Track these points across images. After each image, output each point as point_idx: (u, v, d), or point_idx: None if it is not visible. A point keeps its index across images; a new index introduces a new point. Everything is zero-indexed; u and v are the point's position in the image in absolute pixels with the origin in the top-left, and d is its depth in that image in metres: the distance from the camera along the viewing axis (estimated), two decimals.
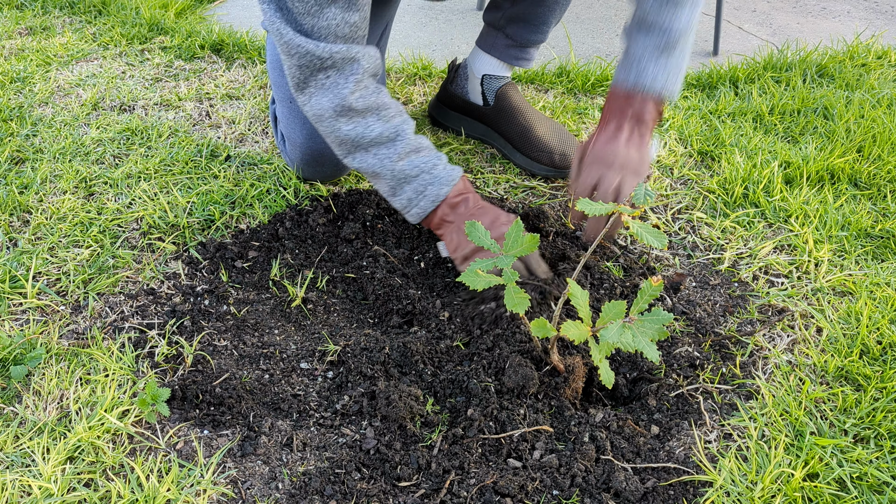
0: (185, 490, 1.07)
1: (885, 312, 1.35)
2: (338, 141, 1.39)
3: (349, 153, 1.40)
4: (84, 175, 1.70)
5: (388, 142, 1.38)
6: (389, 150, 1.37)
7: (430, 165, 1.39)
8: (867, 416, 1.17)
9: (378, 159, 1.38)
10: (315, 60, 1.31)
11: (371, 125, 1.37)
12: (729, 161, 1.74)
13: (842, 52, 2.26)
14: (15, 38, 2.36)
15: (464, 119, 1.85)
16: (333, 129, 1.37)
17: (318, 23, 1.29)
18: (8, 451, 1.12)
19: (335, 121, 1.36)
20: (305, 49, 1.30)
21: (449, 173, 1.40)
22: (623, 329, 1.02)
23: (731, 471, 1.09)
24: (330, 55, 1.31)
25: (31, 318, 1.34)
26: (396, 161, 1.37)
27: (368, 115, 1.37)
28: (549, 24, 1.70)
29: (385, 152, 1.38)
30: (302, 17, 1.29)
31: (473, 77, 1.79)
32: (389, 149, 1.38)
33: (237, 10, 2.67)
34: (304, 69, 1.32)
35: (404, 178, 1.38)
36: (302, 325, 1.37)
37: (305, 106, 1.38)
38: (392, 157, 1.37)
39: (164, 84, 2.13)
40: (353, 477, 1.09)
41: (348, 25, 1.32)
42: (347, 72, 1.34)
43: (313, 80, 1.34)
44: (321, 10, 1.28)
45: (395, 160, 1.37)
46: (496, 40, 1.74)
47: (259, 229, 1.55)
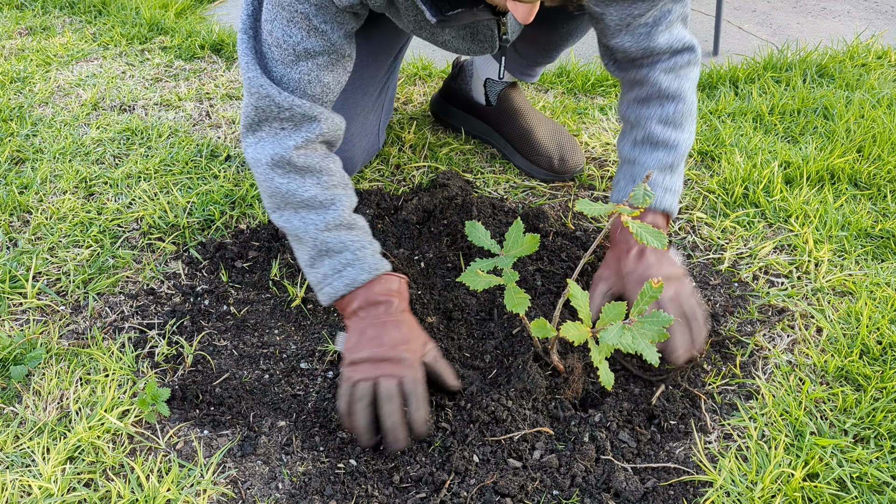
0: (185, 490, 1.07)
1: (885, 312, 1.35)
2: (268, 191, 1.26)
3: (277, 208, 1.27)
4: (84, 175, 1.70)
5: (319, 207, 1.25)
6: (318, 217, 1.24)
7: (358, 246, 1.25)
8: (867, 416, 1.17)
9: (303, 223, 1.25)
10: (273, 107, 1.22)
11: (307, 185, 1.25)
12: (729, 161, 1.74)
13: (842, 52, 2.26)
14: (15, 38, 2.36)
15: (465, 117, 1.85)
16: (266, 178, 1.25)
17: (289, 73, 1.22)
18: (8, 451, 1.12)
19: (270, 170, 1.24)
20: (266, 92, 1.21)
21: (377, 262, 1.25)
22: (623, 330, 1.02)
23: (731, 471, 1.09)
24: (290, 106, 1.22)
25: (31, 318, 1.34)
26: (323, 230, 1.24)
27: (307, 175, 1.25)
28: (559, 51, 1.68)
29: (313, 217, 1.25)
30: (274, 64, 1.22)
31: (477, 77, 1.79)
32: (319, 215, 1.25)
33: (237, 10, 2.67)
34: (259, 111, 1.23)
35: (325, 251, 1.24)
36: (302, 325, 1.37)
37: (248, 149, 1.27)
38: (319, 224, 1.24)
39: (164, 84, 2.13)
40: (353, 477, 1.09)
41: (320, 85, 1.25)
42: (303, 129, 1.24)
43: (267, 126, 1.24)
44: (297, 62, 1.22)
45: (322, 229, 1.24)
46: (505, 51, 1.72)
47: (259, 229, 1.55)
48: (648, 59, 1.34)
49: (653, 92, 1.35)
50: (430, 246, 1.51)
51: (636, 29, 1.30)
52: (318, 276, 1.26)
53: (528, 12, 1.01)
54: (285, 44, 1.20)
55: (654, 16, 1.29)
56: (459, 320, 1.35)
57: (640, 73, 1.36)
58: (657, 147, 1.35)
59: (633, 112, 1.39)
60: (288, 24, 1.19)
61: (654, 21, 1.29)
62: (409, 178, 1.72)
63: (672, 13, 1.30)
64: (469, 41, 1.34)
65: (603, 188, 1.70)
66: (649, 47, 1.31)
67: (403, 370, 1.15)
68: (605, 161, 1.79)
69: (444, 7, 1.12)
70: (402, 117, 1.94)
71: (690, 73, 1.36)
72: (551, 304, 1.36)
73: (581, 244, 1.51)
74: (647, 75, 1.35)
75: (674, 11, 1.30)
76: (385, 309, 1.22)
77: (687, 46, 1.34)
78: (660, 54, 1.33)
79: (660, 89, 1.34)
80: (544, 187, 1.71)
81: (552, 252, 1.47)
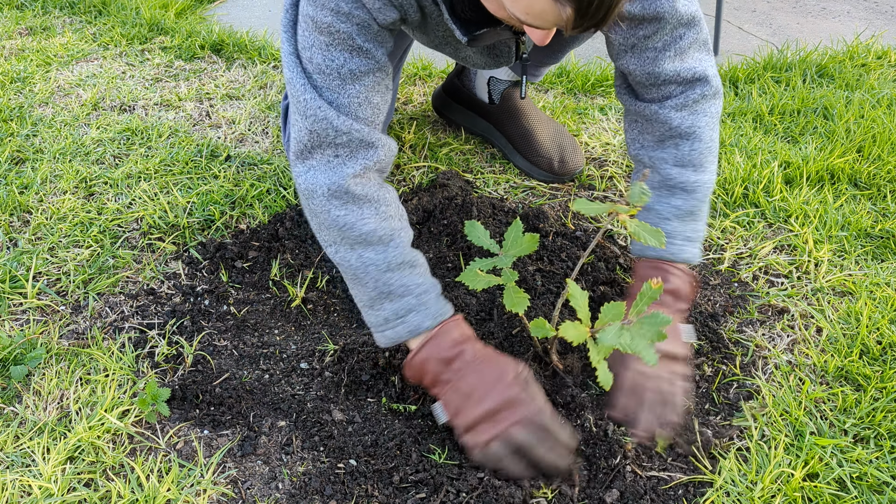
0: (185, 490, 1.07)
1: (885, 312, 1.35)
2: (324, 224, 1.20)
3: (333, 243, 1.20)
4: (84, 175, 1.70)
5: (378, 244, 1.18)
6: (378, 256, 1.18)
7: (422, 290, 1.18)
8: (867, 416, 1.17)
9: (362, 262, 1.18)
10: (331, 132, 1.16)
11: (365, 217, 1.18)
12: (729, 161, 1.74)
13: (842, 52, 2.26)
14: (15, 38, 2.36)
15: (467, 113, 1.84)
16: (323, 210, 1.18)
17: (338, 99, 1.16)
18: (8, 451, 1.12)
19: (327, 201, 1.17)
20: (324, 115, 1.15)
21: (441, 307, 1.19)
22: (621, 331, 1.02)
23: (731, 471, 1.09)
24: (349, 131, 1.16)
25: (31, 318, 1.34)
26: (384, 271, 1.18)
27: (364, 205, 1.18)
28: (564, 53, 1.67)
29: (372, 256, 1.18)
30: (322, 91, 1.16)
31: (481, 75, 1.78)
32: (379, 254, 1.18)
33: (237, 10, 2.67)
34: (314, 136, 1.16)
35: (387, 294, 1.18)
36: (302, 325, 1.37)
37: (300, 177, 1.20)
38: (380, 263, 1.17)
39: (164, 84, 2.13)
40: (353, 477, 1.09)
41: (370, 107, 1.19)
42: (360, 156, 1.18)
43: (319, 153, 1.18)
44: (343, 86, 1.16)
45: (384, 269, 1.17)
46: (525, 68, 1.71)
47: (259, 229, 1.55)
48: (656, 89, 1.27)
49: (665, 131, 1.28)
50: (430, 246, 1.51)
51: (643, 52, 1.23)
52: (379, 319, 1.19)
53: (544, 37, 1.01)
54: (328, 69, 1.15)
55: (664, 40, 1.21)
56: None
57: (650, 110, 1.28)
58: (674, 193, 1.28)
59: (647, 153, 1.32)
60: (328, 49, 1.14)
61: (664, 46, 1.22)
62: (409, 178, 1.72)
63: (683, 39, 1.22)
64: (487, 56, 1.33)
65: (602, 188, 1.70)
66: (654, 72, 1.24)
67: (521, 408, 1.10)
68: (605, 161, 1.79)
69: (471, 27, 1.12)
70: (402, 117, 1.94)
71: (707, 107, 1.27)
72: (551, 304, 1.36)
73: (581, 244, 1.51)
74: (657, 113, 1.27)
75: (685, 38, 1.22)
76: (460, 361, 1.14)
77: (698, 77, 1.25)
78: (667, 84, 1.25)
79: (671, 127, 1.27)
80: (544, 187, 1.71)
81: (552, 252, 1.47)
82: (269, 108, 1.99)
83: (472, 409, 1.10)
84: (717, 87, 1.28)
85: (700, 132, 1.27)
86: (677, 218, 1.28)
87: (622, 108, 1.98)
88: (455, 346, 1.15)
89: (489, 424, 1.09)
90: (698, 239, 1.30)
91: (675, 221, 1.28)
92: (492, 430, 1.09)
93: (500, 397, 1.10)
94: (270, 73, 2.16)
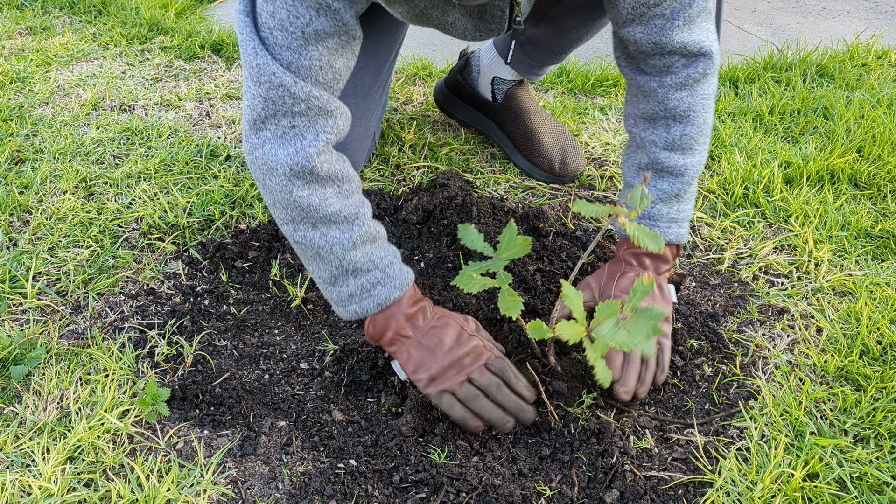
0: (185, 490, 1.07)
1: (885, 312, 1.35)
2: (283, 204, 1.14)
3: (291, 222, 1.16)
4: (84, 175, 1.70)
5: (343, 223, 1.15)
6: (343, 235, 1.14)
7: (386, 263, 1.18)
8: (867, 416, 1.17)
9: (326, 240, 1.14)
10: (287, 99, 1.08)
11: (329, 198, 1.13)
12: (729, 161, 1.74)
13: (842, 52, 2.26)
14: (15, 38, 2.36)
15: (469, 110, 1.84)
16: (283, 190, 1.12)
17: (298, 60, 1.08)
18: (8, 451, 1.12)
19: (289, 181, 1.11)
20: (280, 81, 1.07)
21: (404, 275, 1.19)
22: (617, 327, 1.02)
23: (731, 471, 1.09)
24: (307, 98, 1.09)
25: (31, 318, 1.34)
26: (350, 249, 1.15)
27: (328, 185, 1.14)
28: (567, 52, 1.66)
29: (336, 235, 1.14)
30: (279, 50, 1.07)
31: (484, 75, 1.78)
32: (344, 233, 1.15)
33: None
34: (269, 104, 1.09)
35: (352, 271, 1.16)
36: (302, 325, 1.37)
37: (256, 150, 1.13)
38: (345, 242, 1.14)
39: (164, 84, 2.13)
40: (353, 477, 1.09)
41: (332, 71, 1.12)
42: (319, 127, 1.11)
43: (274, 123, 1.10)
44: (305, 47, 1.08)
45: (349, 248, 1.15)
46: (512, 51, 1.71)
47: (259, 229, 1.55)
48: (659, 58, 1.24)
49: (659, 110, 1.27)
50: (429, 246, 1.51)
51: (651, 20, 1.18)
52: (342, 295, 1.18)
53: None
54: (292, 26, 1.06)
55: (672, 7, 1.17)
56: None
57: (650, 85, 1.26)
58: (662, 175, 1.29)
59: (639, 131, 1.31)
60: (293, 4, 1.05)
61: (672, 14, 1.17)
62: (409, 178, 1.72)
63: (693, 6, 1.17)
64: (478, 20, 1.25)
65: (602, 188, 1.70)
66: (661, 42, 1.20)
67: (482, 356, 1.16)
68: (605, 161, 1.79)
69: None
70: (402, 117, 1.94)
71: (704, 88, 1.25)
72: (551, 304, 1.36)
73: (581, 244, 1.51)
74: (656, 89, 1.25)
75: (695, 4, 1.18)
76: (423, 318, 1.18)
77: (703, 51, 1.22)
78: (672, 55, 1.22)
79: (667, 108, 1.25)
80: (544, 187, 1.71)
81: (552, 252, 1.47)
82: None
83: (438, 360, 1.15)
84: (716, 64, 1.26)
85: (694, 116, 1.25)
86: (662, 201, 1.29)
87: (622, 108, 1.99)
88: (415, 303, 1.19)
89: (454, 371, 1.14)
90: (685, 219, 1.31)
91: (659, 204, 1.29)
92: (458, 375, 1.14)
93: (464, 347, 1.15)
94: None
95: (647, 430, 1.17)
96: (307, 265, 1.20)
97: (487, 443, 1.14)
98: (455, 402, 1.14)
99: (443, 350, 1.15)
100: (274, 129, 1.11)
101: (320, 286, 1.21)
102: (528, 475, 1.10)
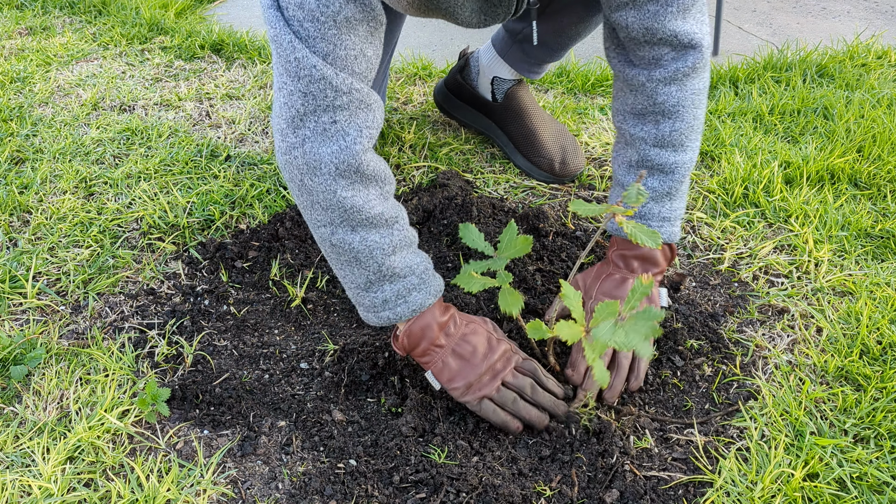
0: (185, 490, 1.07)
1: (885, 312, 1.35)
2: (324, 205, 1.10)
3: (330, 224, 1.12)
4: (84, 175, 1.70)
5: (384, 226, 1.12)
6: (383, 239, 1.12)
7: (423, 269, 1.16)
8: (867, 416, 1.17)
9: (366, 245, 1.11)
10: (329, 92, 1.04)
11: (371, 200, 1.10)
12: (729, 161, 1.74)
13: (842, 52, 2.26)
14: (15, 38, 2.36)
15: (469, 110, 1.84)
16: (326, 190, 1.08)
17: (334, 51, 1.04)
18: (8, 451, 1.12)
19: (334, 181, 1.07)
20: (321, 74, 1.02)
21: (438, 281, 1.18)
22: (615, 327, 1.02)
23: (731, 471, 1.09)
24: (349, 90, 1.05)
25: (31, 318, 1.34)
26: (389, 254, 1.12)
27: (372, 186, 1.10)
28: (566, 49, 1.66)
29: (376, 239, 1.11)
30: (315, 43, 1.03)
31: (483, 75, 1.78)
32: (384, 237, 1.12)
33: (237, 10, 2.67)
34: (310, 99, 1.05)
35: (389, 276, 1.13)
36: (302, 325, 1.37)
37: (295, 150, 1.08)
38: (385, 248, 1.12)
39: (164, 84, 2.13)
40: (353, 477, 1.09)
41: (365, 60, 1.08)
42: (360, 122, 1.08)
43: (314, 119, 1.06)
44: (339, 36, 1.03)
45: (388, 252, 1.12)
46: (511, 49, 1.71)
47: (259, 229, 1.55)
48: (649, 48, 1.20)
49: (648, 105, 1.24)
50: (430, 246, 1.51)
51: (644, 5, 1.15)
52: (376, 301, 1.15)
53: None
54: (323, 15, 1.01)
55: None
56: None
57: (638, 79, 1.23)
58: (651, 174, 1.27)
59: (627, 127, 1.29)
60: None
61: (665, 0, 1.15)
62: (409, 178, 1.72)
63: None
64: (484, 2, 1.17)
65: (602, 188, 1.70)
66: (653, 28, 1.16)
67: (512, 359, 1.18)
68: (605, 161, 1.79)
69: None
70: (402, 117, 1.94)
71: (694, 82, 1.22)
72: (551, 304, 1.36)
73: (581, 244, 1.51)
74: (644, 83, 1.23)
75: None
76: (453, 324, 1.18)
77: (694, 43, 1.19)
78: (661, 45, 1.19)
79: (655, 103, 1.23)
80: (544, 187, 1.71)
81: (552, 252, 1.47)
82: (270, 108, 1.99)
83: (474, 368, 1.15)
84: (707, 59, 1.23)
85: (683, 112, 1.22)
86: (653, 200, 1.27)
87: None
88: (445, 311, 1.19)
89: (489, 377, 1.15)
90: (677, 217, 1.30)
91: (650, 203, 1.28)
92: (493, 381, 1.15)
93: (495, 353, 1.17)
94: (271, 72, 2.16)
95: (647, 430, 1.17)
96: (339, 269, 1.17)
97: (487, 443, 1.14)
98: (495, 407, 1.14)
99: (477, 358, 1.16)
100: (314, 126, 1.06)
101: (351, 291, 1.18)
102: (528, 475, 1.10)
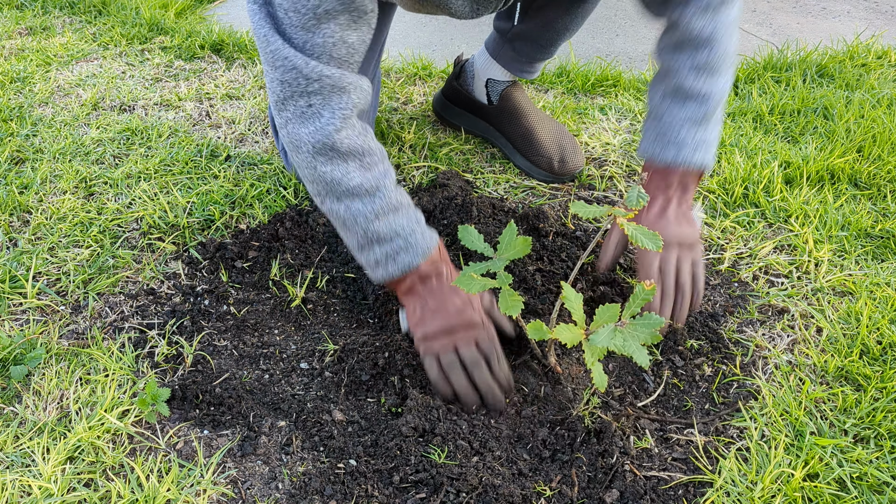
0: (185, 490, 1.07)
1: (885, 312, 1.35)
2: (309, 178, 1.23)
3: (319, 195, 1.25)
4: (84, 175, 1.70)
5: (365, 195, 1.21)
6: (365, 207, 1.21)
7: (409, 231, 1.23)
8: (867, 416, 1.17)
9: (350, 212, 1.22)
10: (300, 80, 1.15)
11: (351, 172, 1.20)
12: (729, 161, 1.74)
13: (842, 52, 2.26)
14: (15, 38, 2.36)
15: (467, 115, 1.85)
16: (308, 165, 1.21)
17: (312, 39, 1.14)
18: (8, 451, 1.12)
19: (313, 158, 1.20)
20: (293, 63, 1.14)
21: (427, 241, 1.24)
22: (615, 332, 1.02)
23: (731, 471, 1.09)
24: (319, 77, 1.15)
25: (31, 318, 1.34)
26: (372, 220, 1.21)
27: (350, 160, 1.20)
28: (556, 45, 1.67)
29: (359, 207, 1.21)
30: (294, 31, 1.13)
31: (478, 78, 1.79)
32: (366, 205, 1.21)
33: (237, 10, 2.67)
34: (286, 86, 1.16)
35: (376, 240, 1.22)
36: (302, 325, 1.37)
37: (282, 130, 1.22)
38: (368, 214, 1.21)
39: (164, 84, 2.13)
40: (353, 477, 1.09)
41: (345, 46, 1.17)
42: (334, 104, 1.18)
43: (292, 103, 1.18)
44: (318, 26, 1.12)
45: (371, 218, 1.21)
46: (502, 50, 1.72)
47: (259, 229, 1.55)
48: None
49: (685, 37, 1.27)
50: None
51: None
52: (370, 261, 1.25)
53: None
54: (304, 7, 1.11)
55: None
56: None
57: (674, 15, 1.27)
58: (687, 100, 1.28)
59: (666, 58, 1.32)
60: None
61: None
62: (409, 178, 1.72)
63: None
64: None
65: (603, 188, 1.70)
66: None
67: (476, 332, 1.20)
68: (605, 161, 1.79)
69: None
70: (402, 117, 1.94)
71: (728, 12, 1.26)
72: (551, 304, 1.36)
73: (581, 244, 1.51)
74: (680, 17, 1.26)
75: None
76: (437, 279, 1.24)
77: None
78: None
79: (692, 33, 1.25)
80: (544, 187, 1.71)
81: (552, 252, 1.47)
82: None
83: (434, 321, 1.21)
84: None
85: (718, 39, 1.26)
86: (688, 125, 1.29)
87: (622, 108, 1.99)
88: (433, 264, 1.24)
89: (445, 337, 1.20)
90: (710, 143, 1.31)
91: (686, 126, 1.29)
92: (446, 341, 1.19)
93: (460, 318, 1.20)
94: None
95: (647, 430, 1.17)
96: (341, 234, 1.28)
97: (487, 443, 1.14)
98: (435, 365, 1.19)
99: (443, 314, 1.20)
100: (293, 110, 1.18)
101: (352, 252, 1.29)
102: (528, 475, 1.10)
